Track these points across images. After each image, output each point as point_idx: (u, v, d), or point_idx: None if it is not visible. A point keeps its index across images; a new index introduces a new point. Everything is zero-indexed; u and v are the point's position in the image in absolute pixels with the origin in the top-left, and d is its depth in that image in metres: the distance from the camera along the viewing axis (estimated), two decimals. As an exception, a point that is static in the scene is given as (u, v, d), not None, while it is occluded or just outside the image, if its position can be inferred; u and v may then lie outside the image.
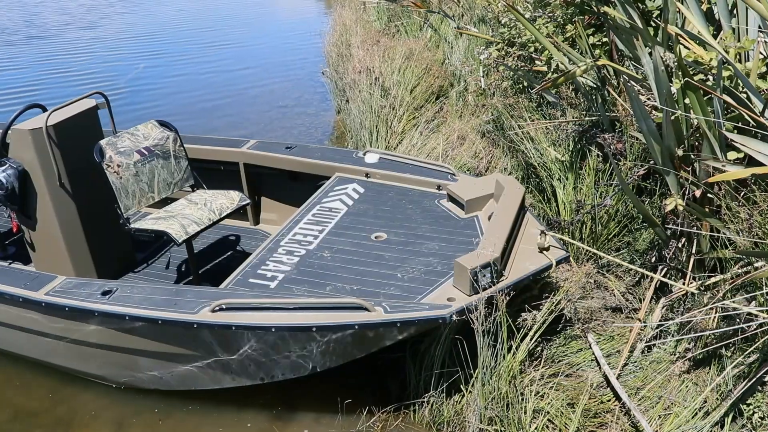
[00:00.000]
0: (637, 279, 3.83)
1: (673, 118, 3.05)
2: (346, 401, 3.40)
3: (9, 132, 4.05)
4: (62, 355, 3.73)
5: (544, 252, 3.28)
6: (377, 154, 4.50)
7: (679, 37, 3.12)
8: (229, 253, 4.76)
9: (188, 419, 3.61)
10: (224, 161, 4.97)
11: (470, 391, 3.22)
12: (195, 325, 3.03)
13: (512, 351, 3.16)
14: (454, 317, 2.83)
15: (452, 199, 3.92)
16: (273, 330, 2.96)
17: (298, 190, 4.85)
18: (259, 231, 5.03)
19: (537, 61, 4.84)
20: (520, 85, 5.25)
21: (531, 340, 3.24)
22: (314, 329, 2.91)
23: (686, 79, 2.89)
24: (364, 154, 4.52)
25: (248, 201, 4.28)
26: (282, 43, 12.07)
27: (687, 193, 3.24)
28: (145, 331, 3.24)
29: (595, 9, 4.25)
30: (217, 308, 3.03)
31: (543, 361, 3.36)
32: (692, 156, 3.19)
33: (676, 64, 3.04)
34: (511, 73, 5.25)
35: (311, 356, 3.13)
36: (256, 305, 3.02)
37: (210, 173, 4.85)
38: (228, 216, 4.19)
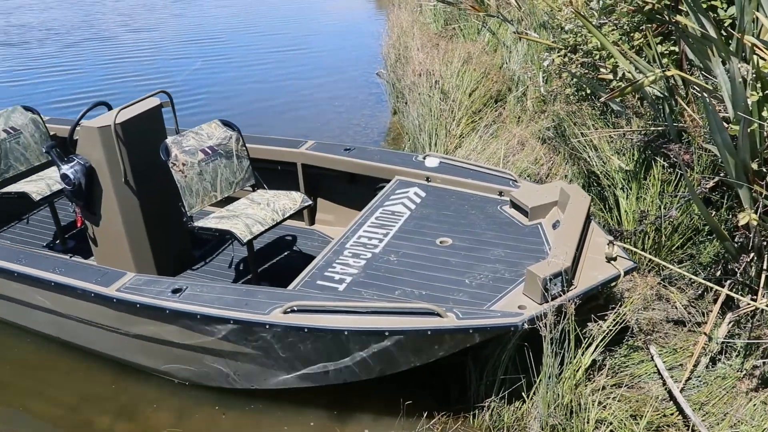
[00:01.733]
0: (700, 292, 3.78)
1: (749, 130, 3.01)
2: (407, 402, 3.43)
3: (77, 129, 4.15)
4: (128, 349, 3.81)
5: (612, 262, 3.27)
6: (437, 158, 4.51)
7: (755, 48, 3.08)
8: (285, 253, 4.80)
9: (249, 415, 3.67)
10: (282, 161, 5.03)
11: (532, 398, 3.22)
12: (267, 326, 3.07)
13: (577, 360, 3.15)
14: (526, 325, 2.84)
15: (515, 205, 3.91)
16: (345, 333, 2.98)
17: (356, 192, 4.88)
18: (314, 231, 5.07)
19: (602, 69, 4.80)
20: (583, 92, 5.21)
21: (595, 349, 3.23)
22: (387, 333, 2.93)
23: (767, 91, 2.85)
24: (424, 158, 4.54)
25: (310, 202, 4.31)
26: (336, 44, 12.15)
27: (760, 207, 3.19)
28: (214, 330, 3.29)
29: (666, 17, 4.20)
30: (289, 310, 3.07)
31: (606, 370, 3.35)
32: (766, 170, 3.14)
33: (752, 75, 3.00)
34: (575, 79, 5.22)
35: (380, 360, 3.15)
36: (329, 308, 3.04)
37: (267, 173, 4.91)
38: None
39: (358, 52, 11.35)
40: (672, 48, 4.40)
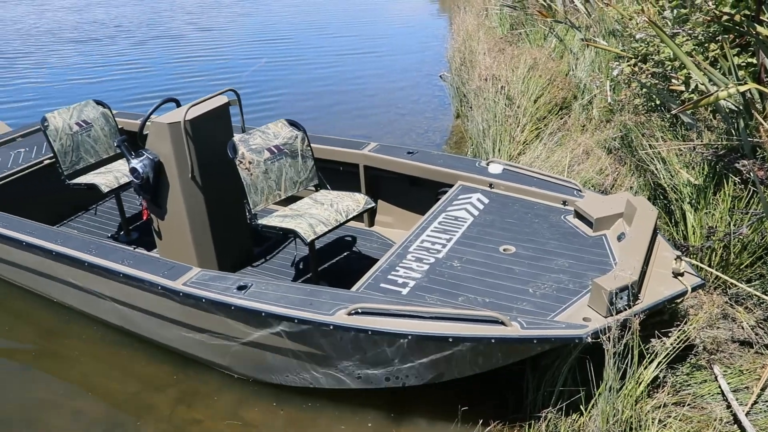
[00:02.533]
0: (769, 313, 3.68)
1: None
2: (463, 409, 3.43)
3: (147, 124, 4.26)
4: (190, 342, 3.89)
5: (679, 277, 3.20)
6: (501, 165, 4.48)
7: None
8: (345, 254, 4.84)
9: (306, 413, 3.72)
10: (344, 162, 5.07)
11: (590, 411, 3.18)
12: (331, 327, 3.09)
13: (638, 375, 3.10)
14: (590, 338, 2.81)
15: (579, 215, 3.87)
16: (409, 337, 2.98)
17: (417, 196, 4.89)
18: (374, 233, 5.10)
19: (673, 80, 4.70)
20: (653, 103, 5.12)
21: (657, 366, 3.17)
22: (450, 339, 2.93)
23: None
24: (488, 164, 4.52)
25: (373, 204, 4.31)
26: (399, 46, 12.20)
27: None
28: (277, 328, 3.33)
29: (745, 28, 4.10)
30: (353, 311, 3.09)
31: (667, 388, 3.28)
32: None
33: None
34: (644, 90, 5.13)
35: (440, 365, 3.15)
36: (393, 311, 3.05)
37: (329, 173, 4.95)
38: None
39: (421, 54, 11.37)
40: (750, 60, 4.28)
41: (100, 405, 3.87)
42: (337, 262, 4.74)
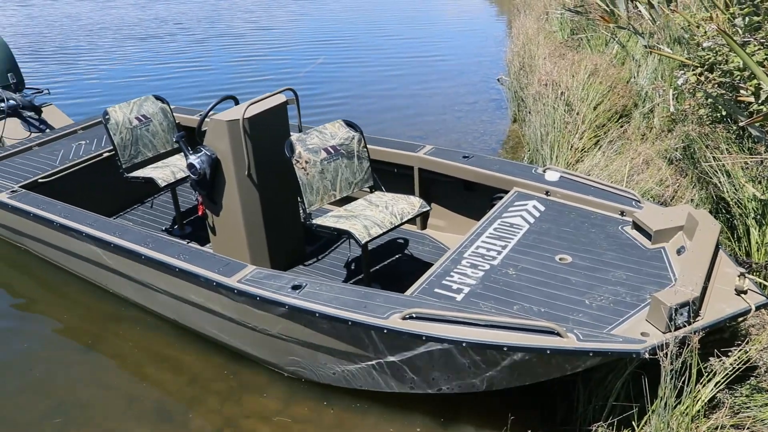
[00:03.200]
0: (835, 336, 3.54)
1: None
2: (512, 418, 3.39)
3: (206, 120, 4.30)
4: (242, 339, 3.93)
5: (742, 295, 3.11)
6: (558, 173, 4.42)
7: None
8: (396, 256, 4.83)
9: (354, 413, 3.73)
10: (399, 164, 5.06)
11: (643, 428, 3.11)
12: (384, 330, 3.08)
13: (695, 394, 3.02)
14: (647, 354, 2.75)
15: (638, 227, 3.78)
16: (463, 345, 2.96)
17: (471, 200, 4.86)
18: (426, 236, 5.08)
19: (742, 91, 4.57)
20: (718, 114, 4.98)
21: (716, 385, 3.09)
22: (505, 348, 2.90)
23: None
24: (544, 171, 4.46)
25: (428, 208, 4.28)
26: (456, 47, 12.14)
27: None
28: (330, 329, 3.33)
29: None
30: (408, 316, 3.07)
31: (725, 409, 3.18)
32: None
33: None
34: (710, 100, 4.99)
35: (492, 374, 3.13)
36: (448, 318, 3.02)
37: (383, 174, 4.95)
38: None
39: (479, 56, 11.30)
40: (823, 73, 4.12)
41: (152, 393, 3.96)
42: (389, 264, 4.74)
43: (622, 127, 6.10)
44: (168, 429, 3.70)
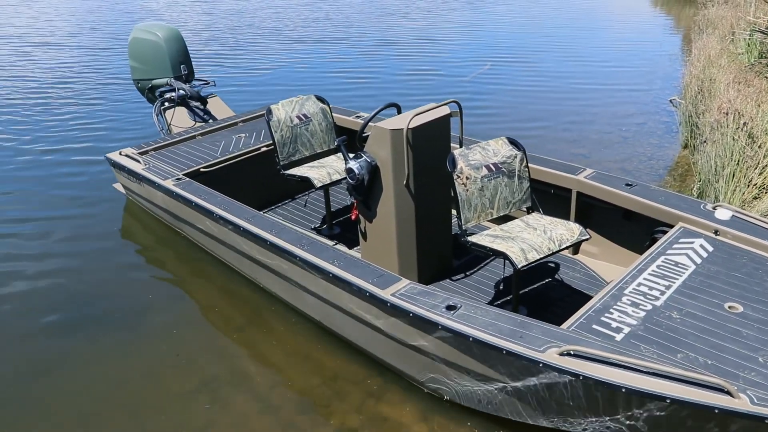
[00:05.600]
0: None
1: None
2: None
3: (368, 126, 4.33)
4: (386, 349, 3.94)
5: None
6: (730, 211, 4.11)
7: None
8: (547, 280, 4.68)
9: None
10: (556, 185, 4.92)
11: None
12: (540, 365, 3.00)
13: None
14: None
15: None
16: (623, 390, 2.81)
17: (629, 230, 4.64)
18: (577, 262, 4.89)
19: None
20: None
21: None
22: (668, 401, 2.72)
23: None
24: (714, 208, 4.17)
25: (588, 237, 4.08)
26: (627, 61, 11.60)
27: None
28: (480, 354, 3.28)
29: None
30: (566, 353, 2.97)
31: None
32: None
33: None
34: None
35: (646, 425, 2.95)
36: (609, 360, 2.89)
37: (539, 194, 4.81)
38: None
39: (650, 72, 10.75)
40: None
41: (291, 387, 4.09)
42: (538, 288, 4.60)
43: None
44: (304, 421, 3.81)
